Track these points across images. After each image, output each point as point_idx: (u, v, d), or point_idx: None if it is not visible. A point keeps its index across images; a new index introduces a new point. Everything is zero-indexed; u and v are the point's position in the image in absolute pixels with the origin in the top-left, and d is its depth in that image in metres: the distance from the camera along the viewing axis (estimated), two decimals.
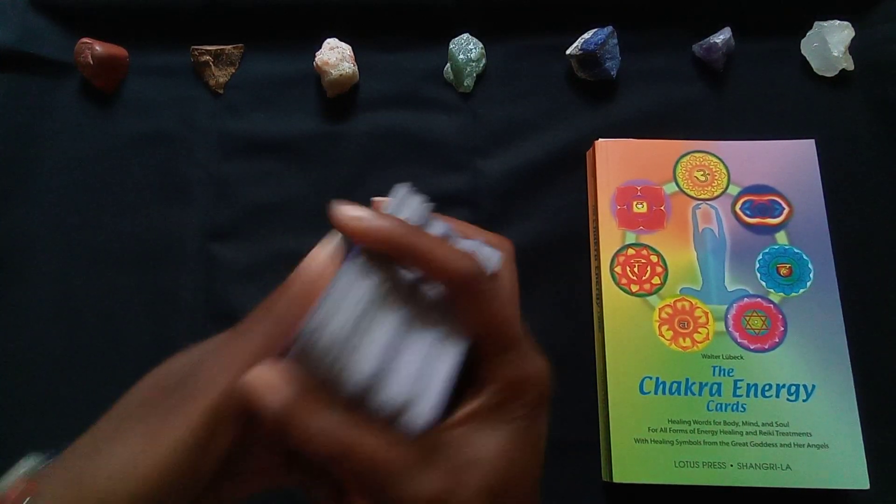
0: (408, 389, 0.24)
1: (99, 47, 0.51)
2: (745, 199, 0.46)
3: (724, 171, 0.47)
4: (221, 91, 0.53)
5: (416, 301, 0.27)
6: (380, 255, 0.26)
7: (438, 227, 0.29)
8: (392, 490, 0.23)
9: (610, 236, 0.45)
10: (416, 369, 0.25)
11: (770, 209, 0.46)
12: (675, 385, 0.42)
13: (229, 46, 0.53)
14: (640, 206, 0.46)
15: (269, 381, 0.24)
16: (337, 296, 0.25)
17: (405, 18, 0.53)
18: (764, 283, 0.44)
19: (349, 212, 0.25)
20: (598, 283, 0.45)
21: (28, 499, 0.26)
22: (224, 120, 0.52)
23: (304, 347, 0.24)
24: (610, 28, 0.51)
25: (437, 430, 0.25)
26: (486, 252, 0.30)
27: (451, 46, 0.52)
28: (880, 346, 0.45)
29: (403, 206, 0.28)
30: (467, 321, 0.26)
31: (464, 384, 0.27)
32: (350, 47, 0.52)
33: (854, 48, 0.51)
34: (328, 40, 0.52)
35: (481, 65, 0.52)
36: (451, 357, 0.26)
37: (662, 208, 0.46)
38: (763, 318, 0.43)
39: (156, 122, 0.52)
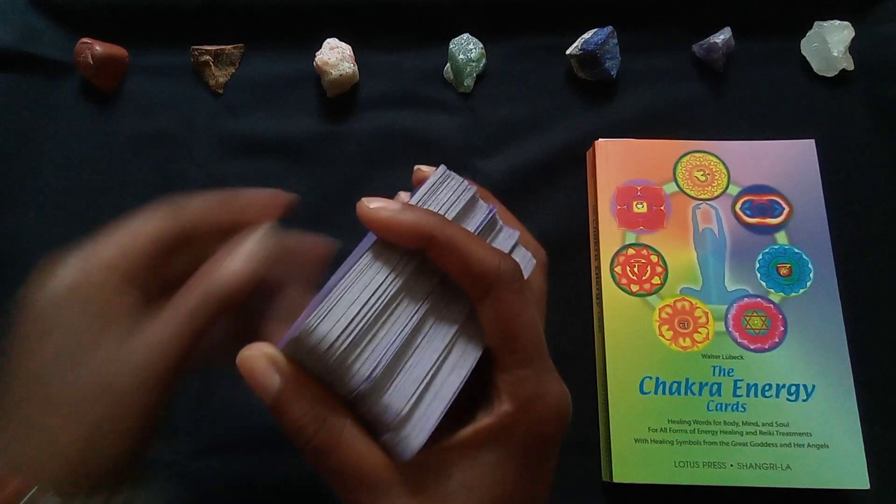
0: (405, 404, 0.23)
1: (99, 47, 0.51)
2: (745, 199, 0.46)
3: (724, 171, 0.47)
4: (221, 91, 0.53)
5: (437, 296, 0.25)
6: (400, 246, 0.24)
7: (480, 211, 0.27)
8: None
9: (610, 236, 0.45)
10: (419, 379, 0.23)
11: (770, 209, 0.46)
12: (675, 385, 0.42)
13: (229, 46, 0.53)
14: (640, 206, 0.46)
15: (259, 368, 0.23)
16: (343, 288, 0.23)
17: (405, 18, 0.53)
18: (764, 283, 0.44)
19: (371, 203, 0.24)
20: (598, 283, 0.45)
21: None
22: (224, 120, 0.52)
23: (298, 341, 0.22)
24: (610, 28, 0.51)
25: (436, 449, 0.23)
26: (522, 253, 0.28)
27: (451, 46, 0.52)
28: (880, 346, 0.45)
29: (440, 189, 0.26)
30: (487, 326, 0.23)
31: (474, 391, 0.24)
32: (350, 47, 0.52)
33: (854, 48, 0.51)
34: (328, 40, 0.52)
35: (481, 65, 0.52)
36: (462, 370, 0.24)
37: (662, 208, 0.46)
38: (763, 318, 0.43)
39: (156, 122, 0.52)
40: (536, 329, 0.24)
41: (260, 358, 0.23)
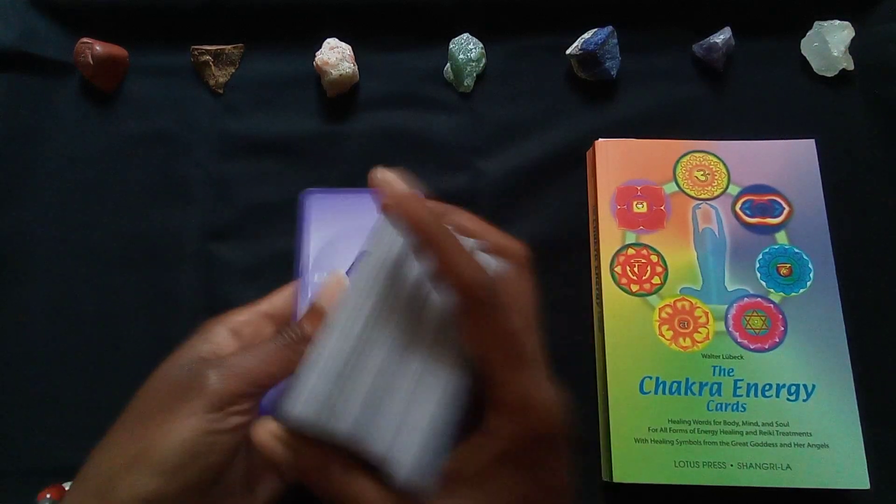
0: (386, 444, 0.25)
1: (99, 47, 0.51)
2: (745, 198, 0.46)
3: (724, 170, 0.47)
4: (221, 91, 0.53)
5: (419, 308, 0.27)
6: (390, 249, 0.27)
7: None
8: None
9: (610, 236, 0.45)
10: (401, 410, 0.25)
11: (770, 209, 0.46)
12: (675, 385, 0.42)
13: (229, 46, 0.53)
14: (640, 205, 0.46)
15: (265, 441, 0.27)
16: (310, 363, 0.26)
17: (405, 18, 0.53)
18: (764, 283, 0.44)
19: (392, 183, 0.26)
20: (598, 283, 0.45)
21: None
22: (224, 120, 0.52)
23: (287, 420, 0.26)
24: (610, 28, 0.51)
25: (440, 477, 0.25)
26: (484, 259, 0.29)
27: (451, 46, 0.52)
28: (880, 346, 0.45)
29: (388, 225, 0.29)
30: (468, 341, 0.25)
31: (475, 406, 0.26)
32: (350, 47, 0.52)
33: (854, 48, 0.51)
34: (328, 40, 0.52)
35: (481, 65, 0.52)
36: (444, 388, 0.25)
37: (662, 208, 0.46)
38: (763, 318, 0.43)
39: (156, 122, 0.52)
40: (517, 333, 0.24)
41: (264, 433, 0.27)
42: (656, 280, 0.44)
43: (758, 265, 0.44)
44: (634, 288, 0.44)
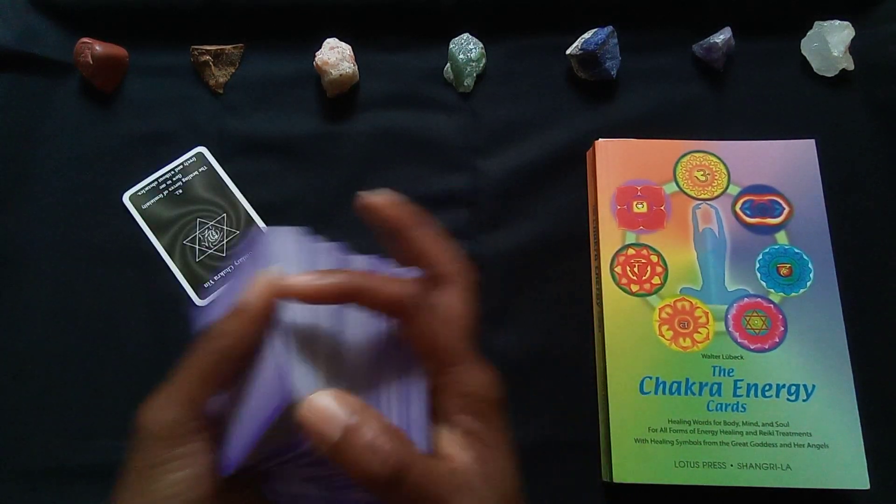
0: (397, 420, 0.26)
1: (99, 47, 0.51)
2: (745, 198, 0.46)
3: (724, 170, 0.47)
4: (221, 91, 0.53)
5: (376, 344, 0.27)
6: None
7: (323, 252, 0.28)
8: None
9: (610, 236, 0.45)
10: (393, 410, 0.26)
11: (770, 209, 0.46)
12: (675, 385, 0.42)
13: (229, 46, 0.53)
14: (640, 205, 0.46)
15: (330, 406, 0.23)
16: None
17: (405, 18, 0.53)
18: (764, 283, 0.44)
19: (296, 279, 0.25)
20: (598, 283, 0.45)
21: None
22: (224, 120, 0.52)
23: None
24: (610, 28, 0.51)
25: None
26: (402, 274, 0.30)
27: (451, 46, 0.52)
28: (880, 346, 0.45)
29: (271, 247, 0.27)
30: (413, 342, 0.27)
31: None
32: (350, 47, 0.52)
33: (854, 48, 0.51)
34: (328, 40, 0.52)
35: (481, 65, 0.52)
36: (419, 386, 0.27)
37: (662, 208, 0.46)
38: (763, 318, 0.43)
39: (156, 122, 0.52)
40: (450, 335, 0.27)
41: (321, 399, 0.23)
42: (656, 280, 0.44)
43: (758, 265, 0.44)
44: (634, 288, 0.44)
